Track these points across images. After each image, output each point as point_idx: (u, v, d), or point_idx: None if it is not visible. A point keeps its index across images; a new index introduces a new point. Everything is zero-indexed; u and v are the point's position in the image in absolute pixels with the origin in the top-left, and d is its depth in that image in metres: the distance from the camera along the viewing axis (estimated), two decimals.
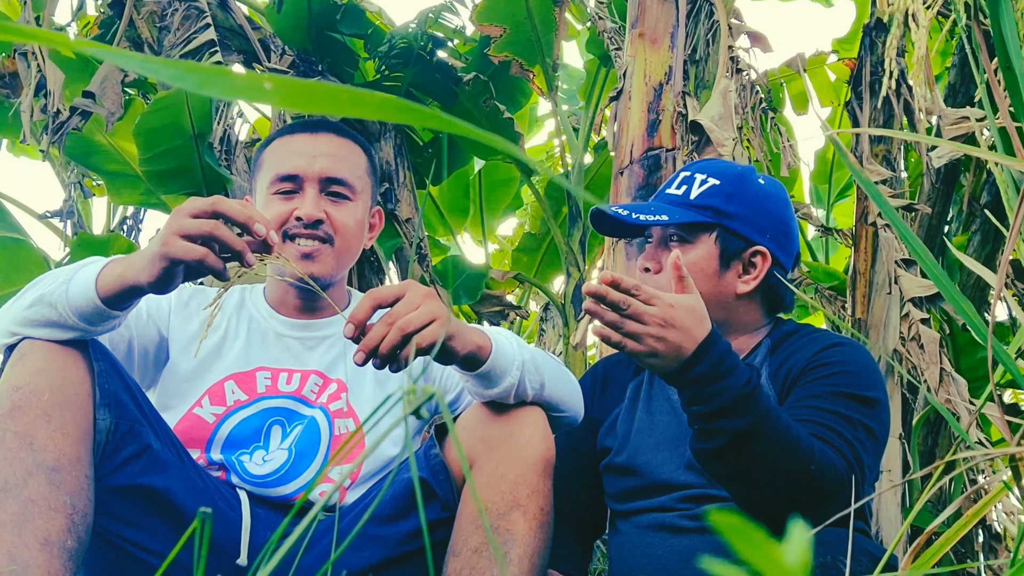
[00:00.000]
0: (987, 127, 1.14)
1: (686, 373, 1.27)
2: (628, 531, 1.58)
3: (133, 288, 1.29)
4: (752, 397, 1.27)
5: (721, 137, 2.55)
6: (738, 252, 1.58)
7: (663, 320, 1.24)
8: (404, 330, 1.26)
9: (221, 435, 1.54)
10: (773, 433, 1.28)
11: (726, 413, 1.27)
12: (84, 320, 1.33)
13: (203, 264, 1.24)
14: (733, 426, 1.27)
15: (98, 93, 3.16)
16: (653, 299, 1.24)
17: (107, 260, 1.35)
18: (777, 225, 1.61)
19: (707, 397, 1.28)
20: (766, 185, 1.63)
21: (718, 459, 1.32)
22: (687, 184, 1.61)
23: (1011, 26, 1.15)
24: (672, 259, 1.29)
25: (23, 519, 1.23)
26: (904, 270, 2.67)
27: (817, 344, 1.53)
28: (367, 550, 1.44)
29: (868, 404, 1.45)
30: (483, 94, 3.55)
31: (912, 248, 1.06)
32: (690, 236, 1.57)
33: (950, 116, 2.52)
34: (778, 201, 1.63)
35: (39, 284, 1.37)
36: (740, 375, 1.28)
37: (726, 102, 2.63)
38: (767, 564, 0.39)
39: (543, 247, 4.36)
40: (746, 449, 1.29)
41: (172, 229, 1.25)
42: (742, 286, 1.58)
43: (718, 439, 1.29)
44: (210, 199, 1.28)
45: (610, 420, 1.68)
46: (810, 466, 1.30)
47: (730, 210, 1.57)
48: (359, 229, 1.66)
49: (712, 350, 1.26)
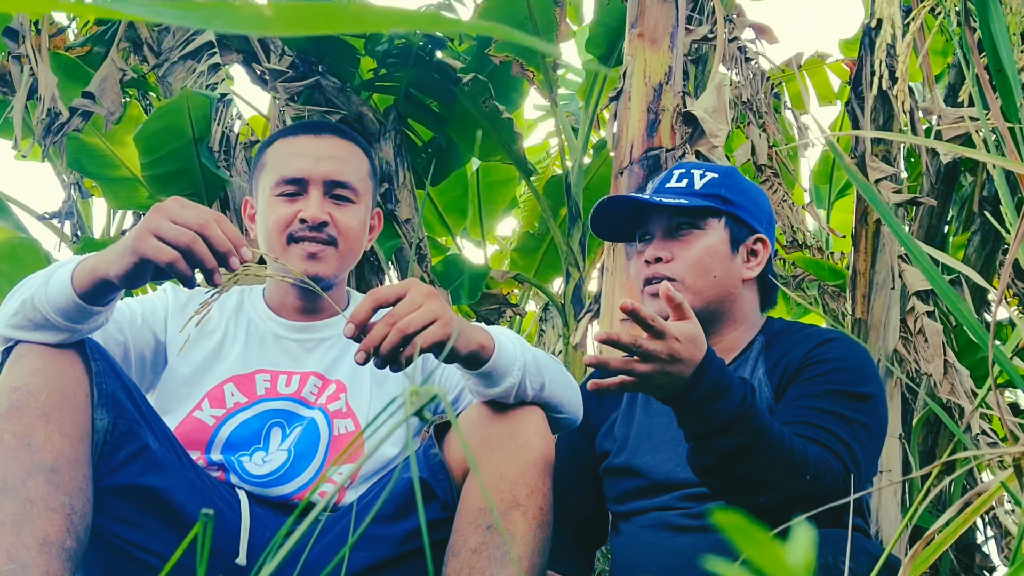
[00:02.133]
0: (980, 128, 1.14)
1: (685, 398, 1.29)
2: (630, 531, 1.58)
3: (104, 281, 1.28)
4: (747, 416, 1.29)
5: (714, 128, 2.56)
6: (743, 239, 1.63)
7: (669, 355, 1.25)
8: (405, 331, 1.26)
9: (221, 437, 1.54)
10: (767, 449, 1.30)
11: (721, 432, 1.29)
12: (67, 318, 1.32)
13: (172, 268, 1.22)
14: (728, 444, 1.29)
15: (97, 93, 3.16)
16: (665, 333, 1.24)
17: (84, 256, 1.33)
18: (768, 217, 1.69)
19: (703, 419, 1.29)
20: (752, 182, 1.72)
21: (713, 474, 1.34)
22: (687, 178, 1.65)
23: (1001, 29, 1.15)
24: (663, 291, 1.28)
25: (22, 519, 1.23)
26: (907, 264, 2.67)
27: (811, 341, 1.55)
28: (367, 550, 1.44)
29: (863, 400, 1.46)
30: (482, 94, 3.55)
31: (909, 248, 1.06)
32: (700, 223, 1.61)
33: (949, 116, 2.52)
34: (764, 195, 1.72)
35: (22, 288, 1.37)
36: (735, 395, 1.29)
37: (720, 95, 2.63)
38: (770, 564, 0.39)
39: (543, 247, 4.35)
40: (741, 464, 1.31)
41: (150, 227, 1.22)
42: (747, 272, 1.63)
43: (712, 456, 1.32)
44: (201, 217, 1.24)
45: (608, 424, 1.69)
46: (806, 476, 1.32)
47: (734, 199, 1.63)
48: (362, 231, 1.67)
49: (709, 374, 1.28)
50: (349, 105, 3.49)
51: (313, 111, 3.33)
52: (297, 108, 3.35)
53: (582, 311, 3.18)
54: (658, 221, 1.63)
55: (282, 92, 3.36)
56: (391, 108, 3.63)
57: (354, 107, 3.50)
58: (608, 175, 3.87)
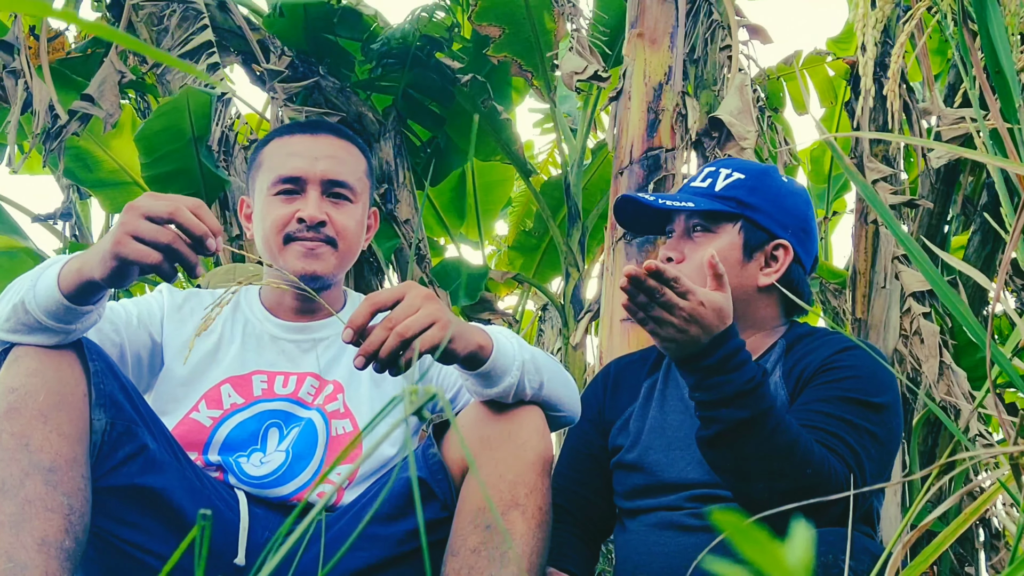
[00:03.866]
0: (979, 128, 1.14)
1: (696, 362, 1.34)
2: (635, 529, 1.58)
3: (90, 283, 1.28)
4: (754, 394, 1.33)
5: (743, 131, 2.55)
6: (761, 244, 1.60)
7: (689, 315, 1.31)
8: (403, 335, 1.25)
9: (218, 438, 1.54)
10: (770, 430, 1.33)
11: (726, 403, 1.33)
12: (58, 320, 1.31)
13: (156, 268, 1.22)
14: (731, 416, 1.33)
15: (96, 95, 3.16)
16: (689, 293, 1.31)
17: (69, 257, 1.33)
18: (798, 222, 1.63)
19: (711, 386, 1.34)
20: (788, 183, 1.67)
21: (715, 447, 1.38)
22: (712, 178, 1.64)
23: (1000, 29, 1.15)
24: (707, 257, 1.34)
25: (20, 520, 1.23)
26: (905, 265, 2.67)
27: (830, 347, 1.54)
28: (366, 550, 1.44)
29: (875, 410, 1.45)
30: (481, 94, 3.55)
31: (907, 247, 1.06)
32: (713, 226, 1.60)
33: (949, 116, 2.52)
34: (799, 199, 1.65)
35: (11, 291, 1.36)
36: (746, 372, 1.34)
37: (743, 96, 2.63)
38: (769, 563, 0.39)
39: (542, 247, 4.35)
40: (742, 440, 1.34)
41: (127, 229, 1.21)
42: (763, 278, 1.60)
43: (715, 426, 1.35)
44: (169, 204, 1.23)
45: (623, 419, 1.68)
46: (806, 469, 1.33)
47: (753, 202, 1.60)
48: (359, 230, 1.66)
49: (724, 345, 1.33)
50: (349, 105, 3.48)
51: (312, 112, 3.33)
52: (295, 109, 3.35)
53: (582, 311, 3.18)
54: (678, 219, 1.64)
55: (281, 92, 3.35)
56: (391, 108, 3.63)
57: (354, 107, 3.50)
58: (606, 175, 3.87)
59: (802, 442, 1.34)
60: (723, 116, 2.60)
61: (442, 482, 1.44)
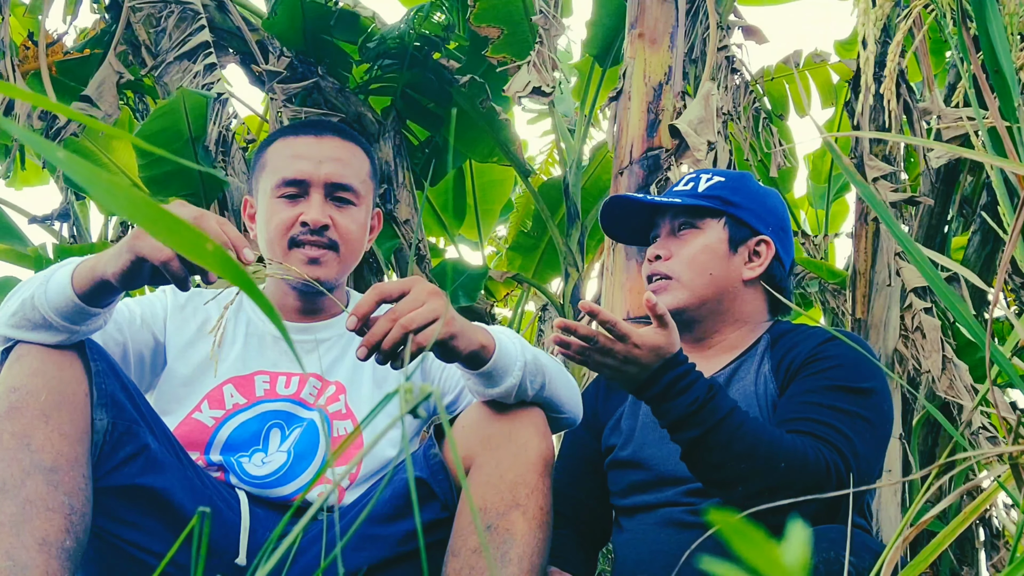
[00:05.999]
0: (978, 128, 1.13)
1: (640, 393, 1.42)
2: (633, 528, 1.59)
3: (103, 282, 1.28)
4: (700, 413, 1.38)
5: (697, 142, 2.56)
6: (744, 239, 1.67)
7: (624, 357, 1.37)
8: (407, 327, 1.25)
9: (220, 438, 1.54)
10: (725, 441, 1.37)
11: (677, 426, 1.40)
12: (66, 319, 1.32)
13: (167, 267, 1.22)
14: (685, 436, 1.40)
15: (95, 96, 3.16)
16: (627, 337, 1.36)
17: (83, 258, 1.34)
18: (777, 221, 1.71)
19: (661, 413, 1.41)
20: (765, 187, 1.77)
21: (686, 461, 1.43)
22: (694, 182, 1.73)
23: (999, 29, 1.15)
24: (646, 300, 1.39)
25: (21, 519, 1.23)
26: (906, 262, 2.67)
27: (815, 339, 1.59)
28: (366, 550, 1.44)
29: (863, 395, 1.49)
30: (479, 95, 3.55)
31: (906, 247, 1.06)
32: (698, 222, 1.67)
33: (948, 116, 2.52)
34: (776, 199, 1.76)
35: (22, 288, 1.37)
36: (691, 394, 1.39)
37: (707, 106, 2.63)
38: (766, 563, 0.39)
39: (541, 247, 4.35)
40: (701, 454, 1.40)
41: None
42: (747, 272, 1.67)
43: (679, 444, 1.42)
44: (195, 215, 1.26)
45: (614, 419, 1.70)
46: (778, 464, 1.37)
47: (736, 200, 1.67)
48: (362, 233, 1.66)
49: (665, 376, 1.39)
50: (348, 106, 3.48)
51: (311, 112, 3.32)
52: (295, 109, 3.34)
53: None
54: (663, 222, 1.71)
55: (280, 93, 3.35)
56: (390, 108, 3.62)
57: (353, 108, 3.49)
58: (605, 175, 3.87)
59: (765, 441, 1.38)
60: (681, 126, 2.60)
61: (443, 482, 1.44)
